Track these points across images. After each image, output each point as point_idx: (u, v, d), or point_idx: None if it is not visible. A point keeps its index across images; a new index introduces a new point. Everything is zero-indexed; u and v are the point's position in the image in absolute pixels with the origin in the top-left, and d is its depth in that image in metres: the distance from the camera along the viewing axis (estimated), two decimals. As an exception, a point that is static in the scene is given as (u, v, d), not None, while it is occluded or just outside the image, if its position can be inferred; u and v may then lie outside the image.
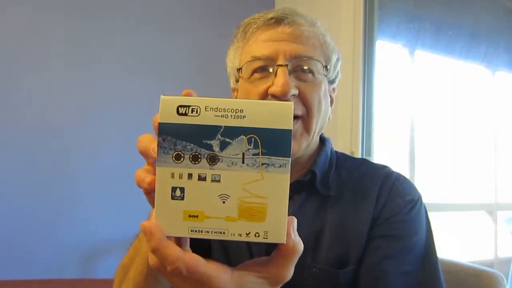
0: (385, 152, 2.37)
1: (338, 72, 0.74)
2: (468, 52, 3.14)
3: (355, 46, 1.94)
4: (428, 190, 3.41)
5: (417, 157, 2.58)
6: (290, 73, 0.63)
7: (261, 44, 0.65)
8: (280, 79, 0.62)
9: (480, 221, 3.43)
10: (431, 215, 0.70)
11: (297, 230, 0.64)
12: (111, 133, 2.08)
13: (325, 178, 0.69)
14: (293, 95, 0.63)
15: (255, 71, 0.66)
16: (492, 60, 3.33)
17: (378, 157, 1.99)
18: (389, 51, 2.65)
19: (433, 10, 2.84)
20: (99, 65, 2.07)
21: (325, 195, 0.68)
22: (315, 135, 0.69)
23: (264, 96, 0.65)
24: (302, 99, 0.64)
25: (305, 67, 0.65)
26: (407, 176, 2.72)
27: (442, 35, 2.97)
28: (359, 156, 1.91)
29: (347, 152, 1.92)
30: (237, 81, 0.70)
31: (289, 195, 0.65)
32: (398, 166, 2.61)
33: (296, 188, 0.68)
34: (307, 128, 0.66)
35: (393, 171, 0.73)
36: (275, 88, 0.62)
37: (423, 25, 2.81)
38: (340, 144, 1.92)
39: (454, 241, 3.07)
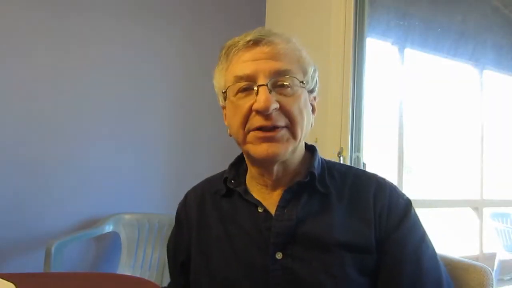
0: (374, 149, 2.39)
1: (316, 82, 0.78)
2: (456, 50, 3.18)
3: (346, 43, 1.94)
4: (416, 187, 3.46)
5: (405, 154, 2.61)
6: (270, 90, 0.68)
7: (243, 64, 0.71)
8: (261, 96, 0.67)
9: (466, 217, 3.49)
10: (418, 212, 0.76)
11: (304, 226, 0.70)
12: (100, 128, 2.05)
13: (322, 179, 0.75)
14: (275, 108, 0.68)
15: (239, 91, 0.71)
16: (479, 58, 3.38)
17: (367, 154, 2.00)
18: (379, 49, 2.67)
19: (423, 8, 2.87)
20: (87, 55, 2.04)
21: (325, 193, 0.73)
22: (301, 141, 0.74)
23: (248, 113, 0.69)
24: (284, 111, 0.69)
25: (284, 83, 0.70)
26: (395, 172, 2.74)
27: (431, 33, 3.01)
28: (349, 153, 1.93)
29: (337, 149, 1.93)
30: (225, 99, 0.76)
31: (289, 197, 0.72)
32: (387, 163, 2.63)
33: (296, 189, 0.74)
34: (293, 135, 0.70)
35: (382, 177, 0.78)
36: (258, 105, 0.67)
37: (412, 22, 2.83)
38: (329, 141, 1.92)
39: (441, 237, 3.11)
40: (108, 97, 2.07)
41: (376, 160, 2.50)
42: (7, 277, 0.95)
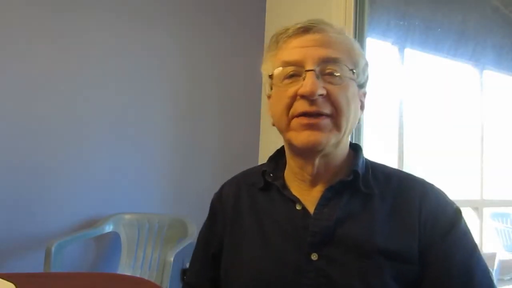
0: (374, 149, 2.39)
1: (367, 77, 0.76)
2: (456, 50, 3.18)
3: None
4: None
5: (405, 153, 2.61)
6: (318, 77, 0.66)
7: (291, 50, 0.69)
8: (308, 81, 0.65)
9: (466, 217, 3.48)
10: None
11: (344, 227, 0.68)
12: (100, 128, 2.05)
13: (366, 179, 0.72)
14: (321, 94, 0.66)
15: (286, 77, 0.69)
16: (479, 58, 3.38)
17: (367, 154, 2.00)
18: (379, 49, 2.67)
19: (423, 8, 2.87)
20: (87, 55, 2.03)
21: (368, 194, 0.70)
22: (346, 134, 0.71)
23: (294, 98, 0.67)
24: (330, 99, 0.67)
25: (333, 71, 0.68)
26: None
27: (431, 33, 3.00)
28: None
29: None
30: (271, 88, 0.74)
31: (330, 196, 0.70)
32: (387, 162, 2.63)
33: (338, 189, 0.71)
34: (337, 125, 0.68)
35: (430, 182, 0.75)
36: (303, 89, 0.65)
37: (412, 22, 2.83)
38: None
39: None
40: (108, 97, 2.07)
41: (376, 160, 2.50)
42: (7, 277, 0.95)
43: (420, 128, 3.19)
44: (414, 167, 3.40)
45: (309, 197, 0.72)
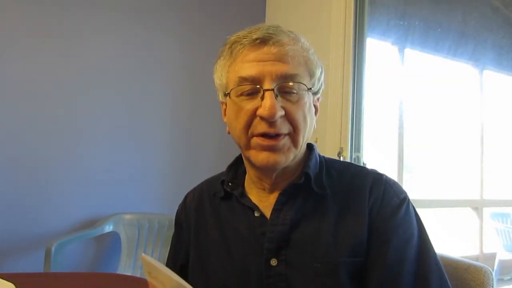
0: (374, 149, 2.39)
1: (322, 83, 0.76)
2: (456, 50, 3.18)
3: (346, 43, 1.94)
4: (415, 187, 3.46)
5: (405, 154, 2.61)
6: (276, 95, 0.66)
7: (248, 64, 0.68)
8: (267, 102, 0.64)
9: (466, 217, 3.49)
10: (418, 212, 0.73)
11: (298, 230, 0.69)
12: (100, 128, 2.05)
13: (318, 179, 0.72)
14: (280, 116, 0.66)
15: (243, 93, 0.68)
16: (479, 58, 3.38)
17: (367, 154, 2.00)
18: (379, 49, 2.67)
19: (423, 8, 2.87)
20: (87, 55, 2.03)
21: (320, 195, 0.71)
22: (302, 147, 0.71)
23: (252, 116, 0.67)
24: (289, 118, 0.67)
25: (291, 89, 0.67)
26: (395, 172, 2.72)
27: (431, 33, 3.01)
28: (349, 153, 1.93)
29: (337, 149, 1.93)
30: (225, 95, 0.73)
31: (284, 200, 0.71)
32: (387, 162, 2.63)
33: (292, 191, 0.71)
34: (294, 143, 0.68)
35: (382, 173, 0.75)
36: (263, 111, 0.65)
37: (412, 22, 2.83)
38: (329, 141, 1.92)
39: (441, 237, 3.11)
40: (108, 97, 2.07)
41: (376, 160, 2.50)
42: (7, 277, 0.95)
43: (420, 128, 3.19)
44: (414, 167, 3.40)
45: (267, 203, 0.73)
